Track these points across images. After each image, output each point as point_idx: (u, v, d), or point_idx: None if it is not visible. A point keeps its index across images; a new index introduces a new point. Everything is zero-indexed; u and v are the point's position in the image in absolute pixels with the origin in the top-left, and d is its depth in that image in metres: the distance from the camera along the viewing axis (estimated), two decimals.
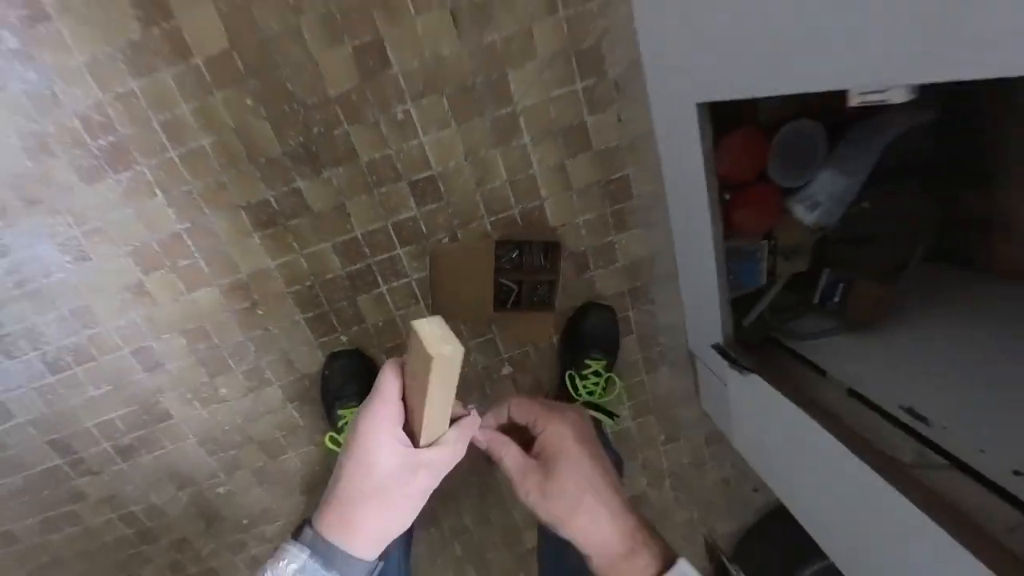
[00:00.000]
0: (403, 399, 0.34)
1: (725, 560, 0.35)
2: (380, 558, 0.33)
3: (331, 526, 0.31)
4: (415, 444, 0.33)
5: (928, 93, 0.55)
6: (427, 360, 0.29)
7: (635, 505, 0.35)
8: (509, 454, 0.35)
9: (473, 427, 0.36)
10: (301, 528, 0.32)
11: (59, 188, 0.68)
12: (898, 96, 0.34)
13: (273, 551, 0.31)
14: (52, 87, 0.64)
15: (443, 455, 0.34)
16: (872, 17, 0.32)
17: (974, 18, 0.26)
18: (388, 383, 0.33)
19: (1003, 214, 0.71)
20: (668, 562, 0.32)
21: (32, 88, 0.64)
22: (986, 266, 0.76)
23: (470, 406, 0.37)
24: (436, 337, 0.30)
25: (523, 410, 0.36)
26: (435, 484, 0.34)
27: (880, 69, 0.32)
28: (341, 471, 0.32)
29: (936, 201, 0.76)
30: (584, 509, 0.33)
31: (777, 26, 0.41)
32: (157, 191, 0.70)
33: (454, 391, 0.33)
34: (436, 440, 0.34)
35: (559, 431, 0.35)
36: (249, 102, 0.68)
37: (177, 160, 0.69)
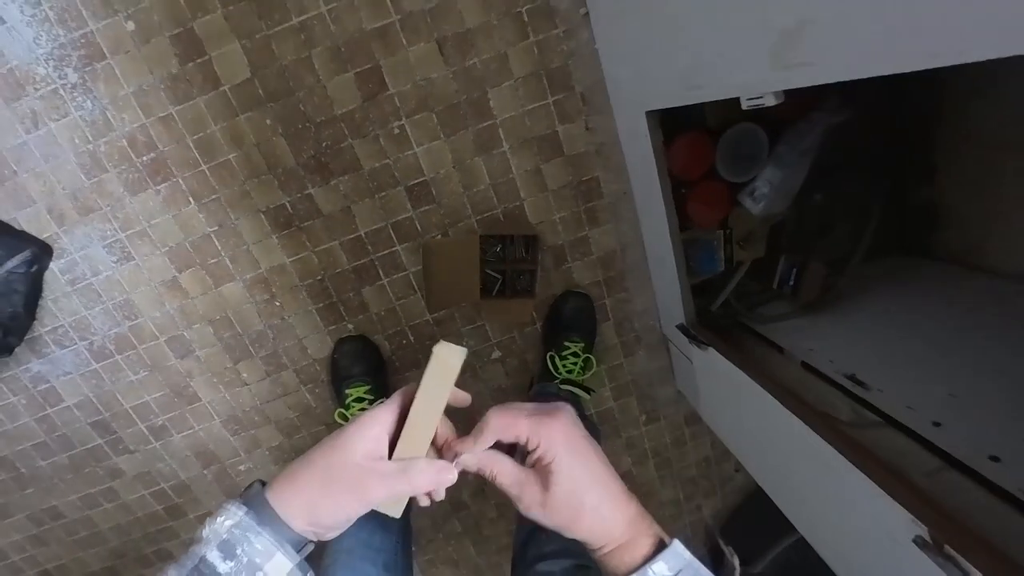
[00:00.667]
0: (402, 420, 0.35)
1: (721, 543, 0.36)
2: (317, 544, 0.34)
3: (278, 483, 0.33)
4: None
5: (849, 98, 0.65)
6: (429, 357, 0.34)
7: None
8: (502, 471, 0.35)
9: (447, 476, 0.35)
10: (251, 485, 0.34)
11: (109, 198, 0.80)
12: (770, 100, 0.44)
13: (216, 508, 0.33)
14: (105, 113, 0.76)
15: (401, 475, 0.33)
16: (737, 49, 0.42)
17: (799, 47, 0.36)
18: (397, 397, 0.36)
19: (946, 206, 0.79)
20: (664, 545, 0.33)
21: (88, 114, 0.76)
22: (929, 254, 0.83)
23: (456, 460, 0.36)
24: (450, 352, 0.35)
25: (507, 426, 0.35)
26: (378, 500, 0.34)
27: (749, 82, 0.43)
28: (319, 444, 0.34)
29: (884, 193, 0.83)
30: (586, 512, 0.34)
31: (686, 52, 0.52)
32: (190, 199, 0.82)
33: (442, 408, 0.35)
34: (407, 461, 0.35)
35: (548, 441, 0.34)
36: (268, 122, 0.79)
37: (208, 172, 0.80)
